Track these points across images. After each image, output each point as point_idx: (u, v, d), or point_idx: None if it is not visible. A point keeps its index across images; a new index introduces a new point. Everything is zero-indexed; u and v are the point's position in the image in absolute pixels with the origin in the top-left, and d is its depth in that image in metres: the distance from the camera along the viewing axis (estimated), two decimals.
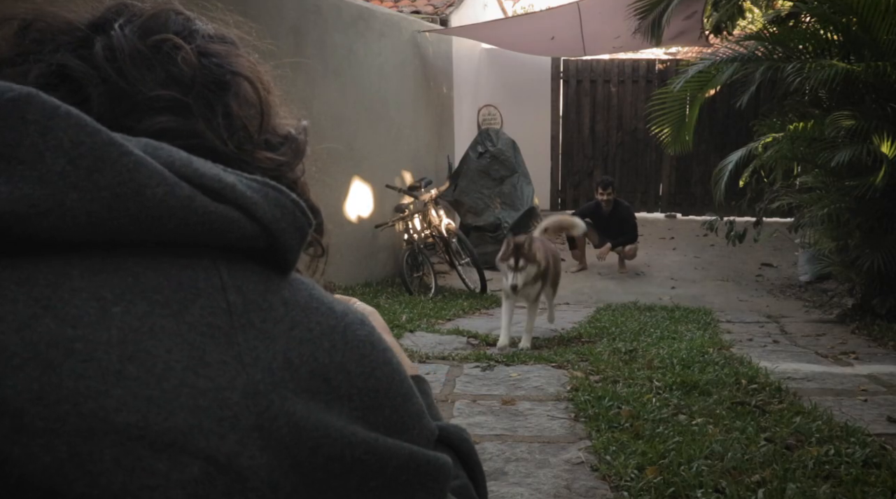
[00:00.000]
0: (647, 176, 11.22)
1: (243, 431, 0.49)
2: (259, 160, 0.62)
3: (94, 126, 0.49)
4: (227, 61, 0.62)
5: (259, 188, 0.55)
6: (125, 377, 0.46)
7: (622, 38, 8.26)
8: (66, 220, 0.47)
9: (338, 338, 0.57)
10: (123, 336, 0.47)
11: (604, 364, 3.97)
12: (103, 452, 0.44)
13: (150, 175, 0.49)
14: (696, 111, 6.70)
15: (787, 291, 6.99)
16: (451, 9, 9.79)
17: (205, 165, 0.53)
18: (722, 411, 3.16)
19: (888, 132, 5.02)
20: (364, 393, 0.57)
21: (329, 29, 6.92)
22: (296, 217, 0.57)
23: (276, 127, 0.65)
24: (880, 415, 3.19)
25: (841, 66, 5.04)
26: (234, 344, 0.51)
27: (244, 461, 0.48)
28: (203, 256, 0.53)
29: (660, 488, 2.35)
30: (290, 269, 0.58)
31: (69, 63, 0.56)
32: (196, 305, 0.50)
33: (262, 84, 0.64)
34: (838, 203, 5.50)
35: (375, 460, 0.56)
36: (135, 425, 0.45)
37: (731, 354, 4.29)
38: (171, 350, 0.48)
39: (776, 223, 7.87)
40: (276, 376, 0.52)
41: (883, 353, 4.55)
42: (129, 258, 0.50)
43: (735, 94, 7.55)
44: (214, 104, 0.59)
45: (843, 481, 2.42)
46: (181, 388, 0.47)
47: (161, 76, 0.57)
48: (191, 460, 0.46)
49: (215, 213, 0.52)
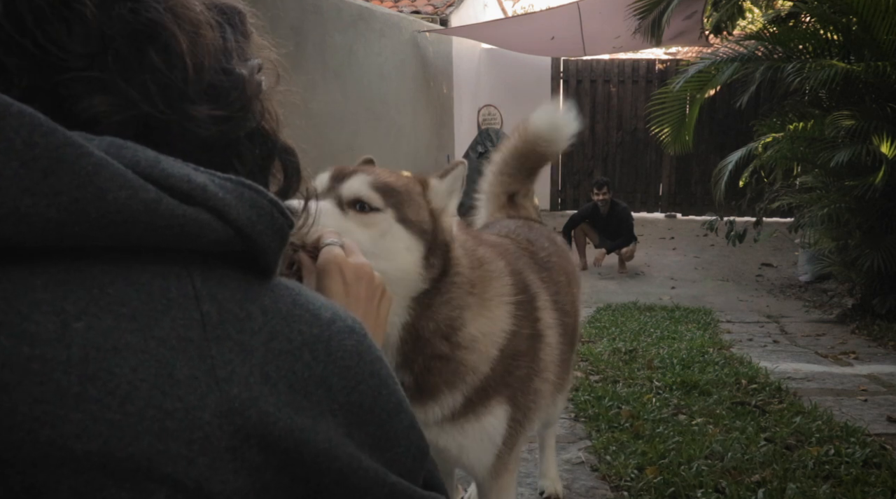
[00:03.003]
0: (647, 176, 11.22)
1: (215, 453, 0.46)
2: (197, 118, 0.55)
3: (50, 125, 0.45)
4: (146, 5, 0.54)
5: (233, 188, 0.52)
6: (85, 400, 0.43)
7: (622, 38, 8.26)
8: (21, 226, 0.43)
9: (320, 349, 0.53)
10: (85, 355, 0.44)
11: (604, 364, 3.97)
12: (60, 482, 0.41)
13: (111, 177, 0.46)
14: (696, 111, 6.69)
15: (787, 291, 6.99)
16: (451, 9, 9.79)
17: (173, 164, 0.49)
18: (722, 411, 3.16)
19: (888, 132, 5.02)
20: (347, 408, 0.54)
21: (329, 29, 6.92)
22: (273, 218, 0.53)
23: (227, 68, 0.58)
24: (880, 415, 3.19)
25: (841, 66, 5.04)
26: (207, 358, 0.48)
27: (216, 486, 0.46)
28: (176, 262, 0.49)
29: (660, 488, 2.35)
30: (271, 273, 0.55)
31: None
32: (167, 318, 0.47)
33: (193, 26, 0.57)
34: (838, 203, 5.50)
35: (359, 484, 0.53)
36: (95, 452, 0.42)
37: (731, 354, 4.29)
38: (136, 369, 0.45)
39: (776, 223, 7.87)
40: (254, 391, 0.49)
41: (883, 353, 4.55)
42: (97, 266, 0.47)
43: (735, 94, 7.55)
44: (135, 60, 0.53)
45: (843, 481, 2.42)
46: (146, 409, 0.44)
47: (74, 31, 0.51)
48: (157, 487, 0.44)
49: (184, 216, 0.48)
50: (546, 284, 1.61)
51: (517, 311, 1.41)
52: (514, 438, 1.47)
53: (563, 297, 1.69)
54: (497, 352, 1.35)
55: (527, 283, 1.52)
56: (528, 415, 1.49)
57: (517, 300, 1.41)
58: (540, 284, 1.57)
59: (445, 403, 1.34)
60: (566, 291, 1.74)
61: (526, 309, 1.45)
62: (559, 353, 1.58)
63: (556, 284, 1.68)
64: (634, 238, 7.90)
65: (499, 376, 1.37)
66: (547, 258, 1.72)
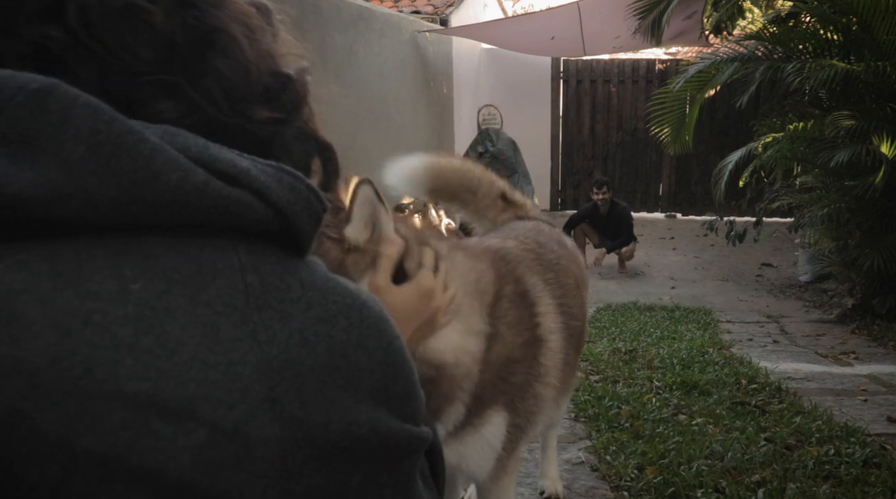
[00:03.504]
0: (647, 176, 11.22)
1: (254, 402, 0.51)
2: (257, 120, 0.61)
3: (112, 114, 0.51)
4: (209, 12, 0.59)
5: (273, 173, 0.57)
6: (138, 349, 0.48)
7: (622, 38, 8.25)
8: (88, 204, 0.49)
9: (354, 316, 0.58)
10: (140, 312, 0.49)
11: (604, 364, 3.97)
12: (112, 414, 0.47)
13: (165, 161, 0.51)
14: (696, 111, 6.70)
15: (787, 291, 6.99)
16: (451, 9, 9.79)
17: (220, 150, 0.55)
18: (722, 411, 3.16)
19: (888, 132, 5.02)
20: (383, 366, 0.59)
21: (329, 29, 6.92)
22: (310, 201, 0.58)
23: (276, 69, 0.64)
24: (880, 415, 3.19)
25: (841, 66, 5.04)
26: (249, 322, 0.53)
27: (253, 431, 0.51)
28: (224, 238, 0.55)
29: (660, 488, 2.35)
30: (307, 251, 0.60)
31: (46, 34, 0.54)
32: (213, 285, 0.53)
33: (251, 32, 0.62)
34: (838, 203, 5.50)
35: (378, 440, 0.58)
36: (145, 392, 0.48)
37: (731, 354, 4.29)
38: (185, 327, 0.50)
39: (776, 223, 7.87)
40: (292, 353, 0.54)
41: (883, 353, 4.55)
42: (152, 240, 0.52)
43: (735, 94, 7.55)
44: (200, 65, 0.58)
45: (843, 481, 2.42)
46: (192, 361, 0.50)
47: (142, 39, 0.56)
48: (197, 426, 0.49)
49: (229, 197, 0.53)
50: (551, 287, 1.59)
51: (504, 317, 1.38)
52: (514, 443, 1.48)
53: (570, 300, 1.67)
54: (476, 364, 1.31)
55: (526, 288, 1.50)
56: (530, 419, 1.49)
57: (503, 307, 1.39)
58: (543, 288, 1.56)
59: (449, 420, 1.33)
60: (574, 294, 1.72)
61: (521, 315, 1.44)
62: (563, 357, 1.56)
63: (563, 287, 1.66)
64: (634, 238, 7.90)
65: (492, 385, 1.35)
66: (555, 261, 1.71)
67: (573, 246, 1.99)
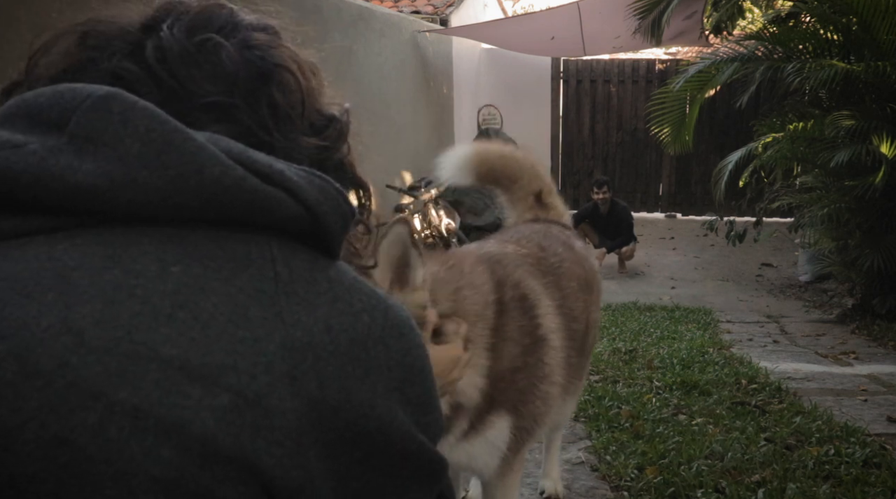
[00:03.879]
0: (647, 176, 11.22)
1: (276, 375, 0.55)
2: (304, 146, 0.68)
3: (165, 117, 0.58)
4: (269, 53, 0.68)
5: (305, 176, 0.62)
6: (174, 320, 0.54)
7: (622, 38, 8.25)
8: (139, 193, 0.56)
9: (378, 315, 0.62)
10: (178, 289, 0.55)
11: (604, 364, 3.97)
12: (147, 373, 0.52)
13: (209, 157, 0.57)
14: (696, 111, 6.69)
15: (787, 291, 6.98)
16: (451, 9, 9.78)
17: (258, 154, 0.61)
18: (722, 411, 3.16)
19: (888, 132, 5.02)
20: (402, 367, 0.62)
21: (329, 29, 6.92)
22: (339, 203, 0.63)
23: (320, 109, 0.72)
24: (880, 415, 3.19)
25: (841, 66, 5.03)
26: (277, 305, 0.57)
27: (273, 401, 0.55)
28: (259, 234, 0.60)
29: (660, 488, 2.35)
30: (336, 253, 0.65)
31: (123, 68, 0.64)
32: (246, 273, 0.58)
33: (302, 72, 0.70)
34: (838, 203, 5.50)
35: (384, 439, 0.61)
36: (177, 356, 0.53)
37: (731, 354, 4.29)
38: (217, 305, 0.56)
39: (776, 223, 7.86)
40: (315, 337, 0.58)
41: (883, 353, 4.55)
42: (193, 231, 0.59)
43: (735, 94, 7.55)
44: (259, 96, 0.66)
45: (843, 481, 2.42)
46: (222, 335, 0.55)
47: (208, 73, 0.64)
48: (222, 391, 0.53)
49: (264, 192, 0.59)
50: (550, 290, 1.63)
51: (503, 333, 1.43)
52: (519, 444, 1.53)
53: (571, 302, 1.70)
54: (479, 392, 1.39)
55: (525, 292, 1.54)
56: (537, 420, 1.54)
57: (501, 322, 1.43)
58: (542, 290, 1.59)
59: (454, 432, 1.40)
60: (576, 296, 1.75)
61: (521, 322, 1.48)
62: (565, 356, 1.61)
63: (563, 290, 1.69)
64: (634, 238, 7.90)
65: (493, 395, 1.40)
66: (557, 264, 1.74)
67: (582, 248, 1.99)
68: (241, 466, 0.53)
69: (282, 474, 0.55)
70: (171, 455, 0.51)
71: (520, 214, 2.11)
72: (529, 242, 1.77)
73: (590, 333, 1.93)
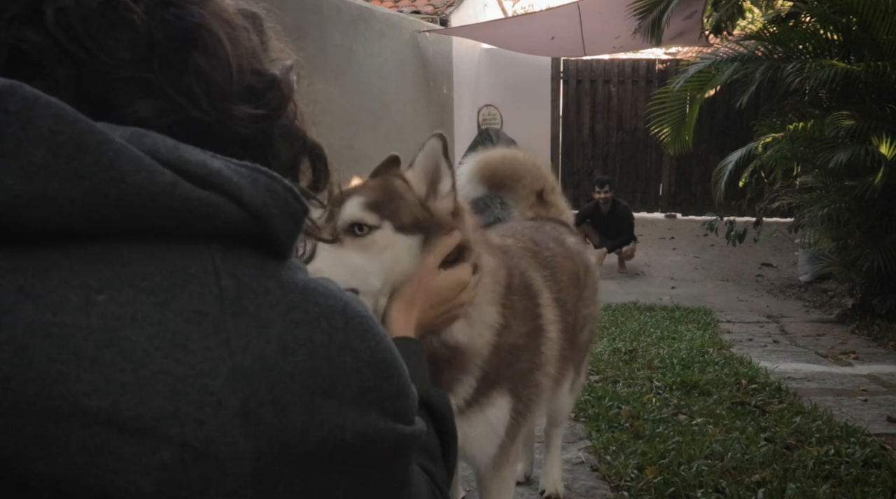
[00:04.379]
0: (647, 176, 11.21)
1: (226, 416, 0.49)
2: (239, 118, 0.59)
3: (74, 115, 0.48)
4: (189, 10, 0.57)
5: (247, 173, 0.54)
6: (99, 363, 0.46)
7: (622, 38, 8.25)
8: (49, 208, 0.47)
9: (337, 317, 0.57)
10: (104, 323, 0.47)
11: (604, 364, 3.97)
12: (69, 434, 0.44)
13: (130, 162, 0.49)
14: (696, 111, 6.69)
15: (787, 291, 6.98)
16: (451, 9, 9.79)
17: (191, 151, 0.53)
18: (722, 411, 3.16)
19: (887, 132, 5.02)
20: (371, 365, 0.58)
21: (329, 29, 6.92)
22: (287, 202, 0.56)
23: (260, 69, 0.62)
24: (880, 415, 3.19)
25: (841, 66, 5.03)
26: (223, 331, 0.50)
27: (224, 448, 0.48)
28: (198, 242, 0.53)
29: (660, 488, 2.35)
30: (286, 254, 0.58)
31: (24, 38, 0.52)
32: (186, 292, 0.50)
33: (233, 28, 0.60)
34: (838, 203, 5.50)
35: (366, 445, 0.57)
36: (104, 409, 0.45)
37: (731, 354, 4.29)
38: (151, 338, 0.48)
39: (776, 223, 7.86)
40: (269, 361, 0.51)
41: (883, 353, 4.55)
42: (124, 246, 0.50)
43: (735, 94, 7.54)
44: (181, 63, 0.56)
45: (843, 481, 2.42)
46: (158, 374, 0.47)
47: (121, 39, 0.54)
48: (162, 445, 0.46)
49: (199, 199, 0.51)
50: (548, 282, 1.66)
51: (513, 307, 1.45)
52: (515, 429, 1.53)
53: (564, 295, 1.74)
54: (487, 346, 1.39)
55: (529, 281, 1.57)
56: (530, 407, 1.55)
57: (511, 298, 1.45)
58: (542, 282, 1.63)
59: (460, 393, 1.38)
60: (568, 290, 1.78)
61: (526, 306, 1.50)
62: (560, 348, 1.64)
63: (558, 283, 1.73)
64: (634, 238, 7.89)
65: (499, 368, 1.41)
66: (550, 258, 1.77)
67: (575, 244, 2.01)
68: None
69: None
70: None
71: (521, 211, 2.17)
72: (523, 236, 1.80)
73: (585, 328, 1.97)
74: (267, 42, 0.65)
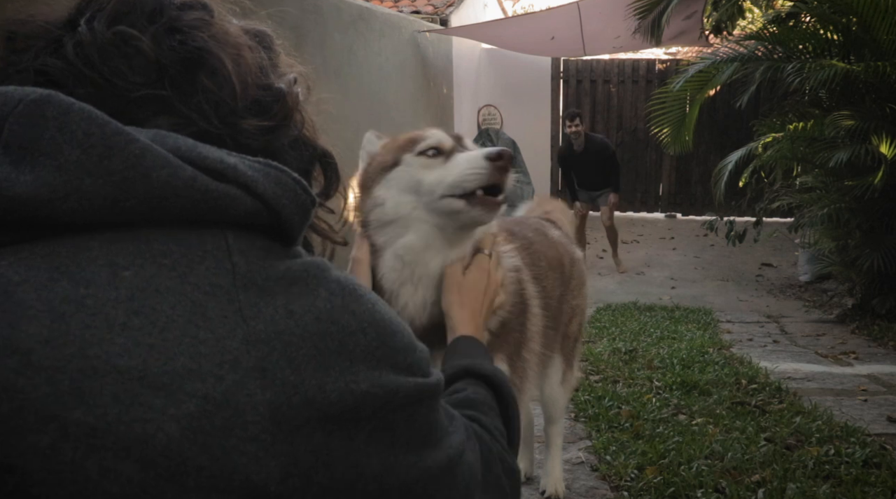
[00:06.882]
0: (647, 176, 11.22)
1: (243, 372, 0.55)
2: (247, 131, 0.65)
3: (104, 118, 0.55)
4: (192, 36, 0.64)
5: (260, 168, 0.61)
6: (129, 328, 0.52)
7: (622, 38, 8.25)
8: (84, 202, 0.54)
9: (334, 286, 0.62)
10: (131, 295, 0.54)
11: (604, 364, 3.97)
12: (104, 389, 0.50)
13: (154, 159, 0.55)
14: (696, 111, 6.69)
15: (787, 291, 6.98)
16: (451, 9, 9.78)
17: (209, 149, 0.59)
18: (722, 411, 3.16)
19: (887, 132, 5.02)
20: (374, 325, 0.63)
21: (329, 29, 6.92)
22: (297, 194, 0.62)
23: (267, 84, 0.68)
24: (880, 415, 3.19)
25: (841, 66, 5.03)
26: (235, 301, 0.56)
27: (242, 398, 0.54)
28: (213, 226, 0.59)
29: (660, 488, 2.35)
30: (295, 241, 0.64)
31: (48, 63, 0.61)
32: (201, 267, 0.56)
33: (237, 49, 0.66)
34: (838, 203, 5.50)
35: (381, 396, 0.61)
36: (135, 367, 0.52)
37: (731, 354, 4.29)
38: (174, 306, 0.54)
39: (776, 223, 7.86)
40: (280, 325, 0.57)
41: (883, 353, 4.55)
42: (145, 229, 0.57)
43: (735, 94, 7.54)
44: (189, 84, 0.63)
45: (843, 481, 2.42)
46: (182, 337, 0.53)
47: (133, 65, 0.62)
48: (187, 397, 0.52)
49: (217, 191, 0.57)
50: (528, 265, 1.74)
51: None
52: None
53: (544, 281, 1.82)
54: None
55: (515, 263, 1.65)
56: (523, 382, 1.62)
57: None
58: (522, 263, 1.71)
59: None
60: (546, 274, 1.86)
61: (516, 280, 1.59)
62: (542, 325, 1.72)
63: (538, 266, 1.82)
64: (618, 185, 7.42)
65: (497, 339, 1.50)
66: (528, 245, 1.84)
67: (560, 236, 2.07)
68: (212, 474, 0.52)
69: (258, 469, 0.54)
70: (133, 471, 0.50)
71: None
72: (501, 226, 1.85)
73: (573, 319, 2.10)
74: (275, 58, 0.72)
